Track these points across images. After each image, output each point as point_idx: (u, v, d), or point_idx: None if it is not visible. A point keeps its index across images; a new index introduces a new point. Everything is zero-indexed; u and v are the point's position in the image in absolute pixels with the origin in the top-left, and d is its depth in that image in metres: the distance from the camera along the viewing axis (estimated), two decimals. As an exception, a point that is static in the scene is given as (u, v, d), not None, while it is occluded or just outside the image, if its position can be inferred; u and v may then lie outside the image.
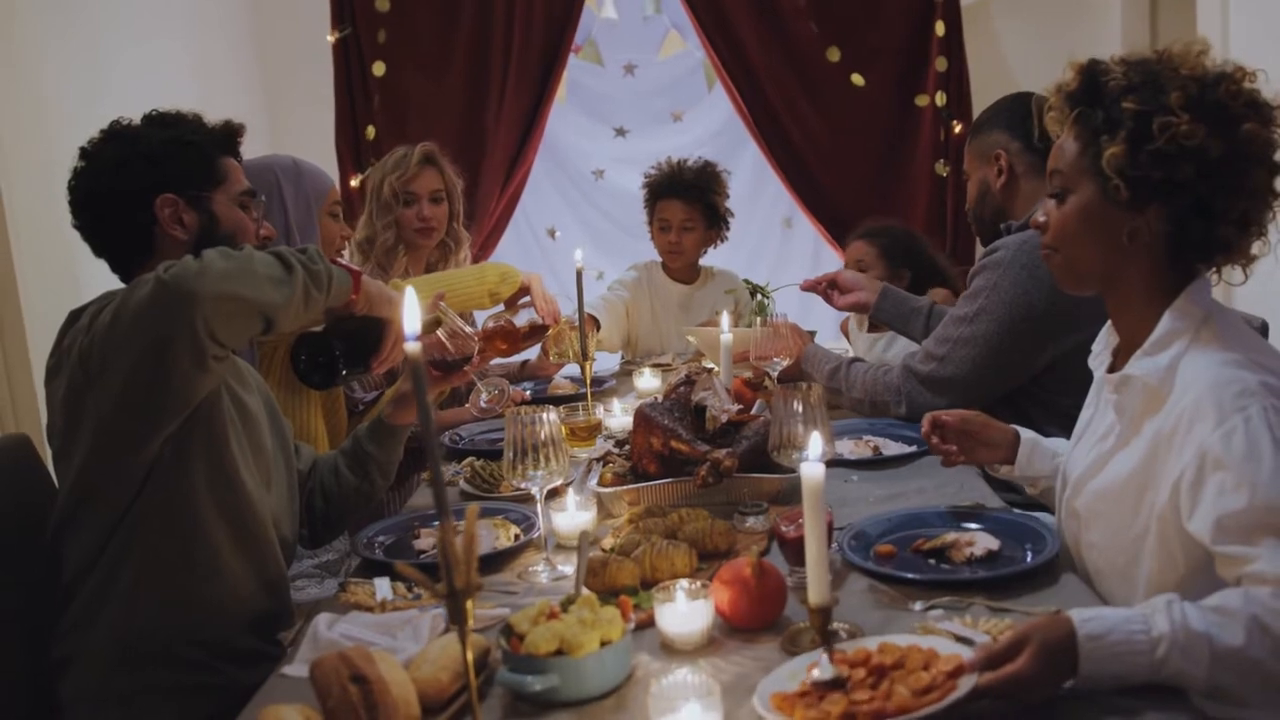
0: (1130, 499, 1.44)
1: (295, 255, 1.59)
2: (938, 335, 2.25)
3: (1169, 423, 1.39)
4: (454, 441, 2.48)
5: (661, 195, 3.37)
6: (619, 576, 1.50)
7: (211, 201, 1.71)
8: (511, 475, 1.65)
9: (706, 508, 1.77)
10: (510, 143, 4.50)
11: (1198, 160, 1.38)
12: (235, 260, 1.50)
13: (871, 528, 1.66)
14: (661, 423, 1.86)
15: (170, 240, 1.69)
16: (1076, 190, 1.48)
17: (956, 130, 4.42)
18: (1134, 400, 1.46)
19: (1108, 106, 1.43)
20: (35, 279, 3.06)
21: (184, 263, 1.47)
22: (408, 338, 1.04)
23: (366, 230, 3.00)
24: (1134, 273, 1.48)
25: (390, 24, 4.40)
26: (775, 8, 4.42)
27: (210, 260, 1.47)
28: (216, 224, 1.71)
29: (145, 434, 1.53)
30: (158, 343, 1.45)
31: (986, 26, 4.66)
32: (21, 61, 3.16)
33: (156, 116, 1.73)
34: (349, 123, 4.43)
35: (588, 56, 4.89)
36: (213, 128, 1.76)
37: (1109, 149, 1.42)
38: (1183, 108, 1.37)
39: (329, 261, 1.65)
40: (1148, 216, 1.43)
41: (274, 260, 1.55)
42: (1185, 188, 1.39)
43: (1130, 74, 1.42)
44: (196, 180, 1.70)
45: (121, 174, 1.65)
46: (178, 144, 1.69)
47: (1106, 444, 1.51)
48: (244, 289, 1.48)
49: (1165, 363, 1.42)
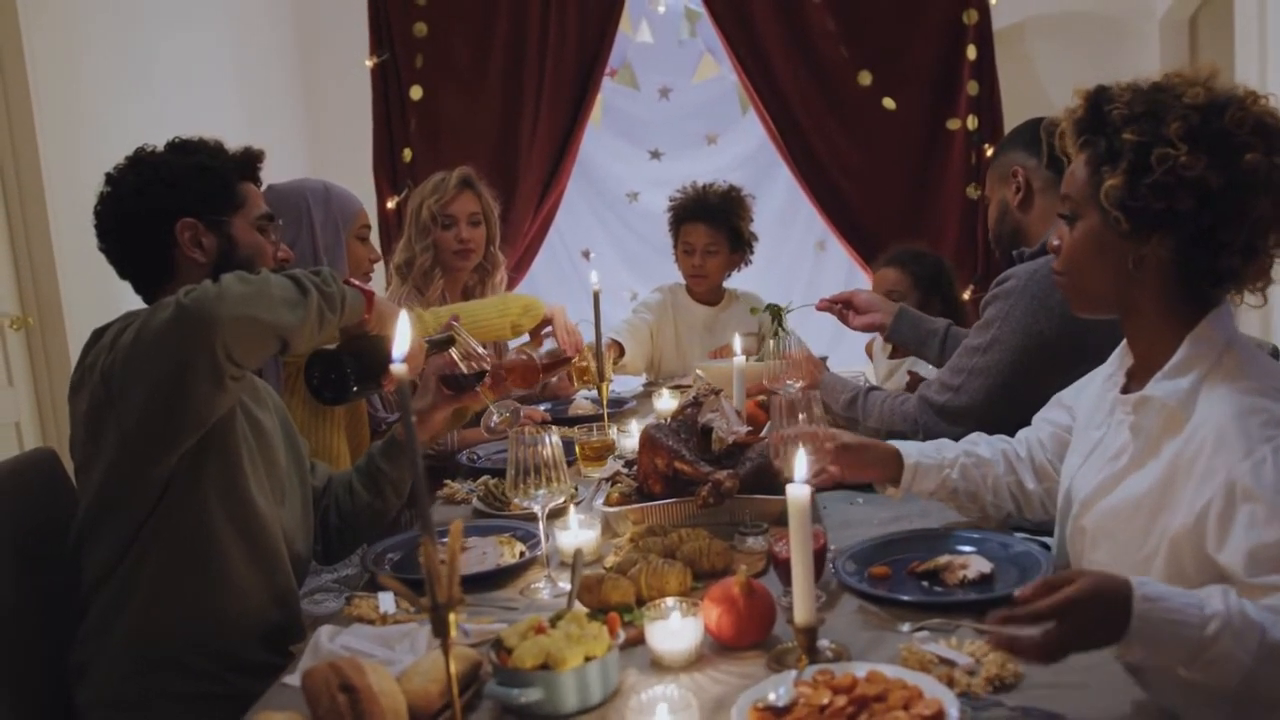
0: (1142, 520, 1.44)
1: (309, 278, 1.64)
2: (952, 365, 2.25)
3: (1190, 448, 1.39)
4: (471, 460, 2.53)
5: (686, 219, 3.39)
6: (613, 594, 1.52)
7: (230, 225, 1.77)
8: (514, 494, 1.69)
9: (709, 528, 1.79)
10: (544, 165, 4.56)
11: (1198, 191, 1.38)
12: (252, 285, 1.55)
13: (869, 549, 1.68)
14: (666, 443, 1.89)
15: (190, 263, 1.74)
16: (1084, 216, 1.50)
17: (988, 154, 4.41)
18: (1152, 421, 1.46)
19: (1110, 136, 1.44)
20: (79, 295, 3.17)
21: (203, 287, 1.52)
22: (395, 360, 1.08)
23: (405, 254, 3.05)
24: (1145, 298, 1.49)
25: (427, 49, 4.49)
26: (807, 32, 4.45)
27: (228, 285, 1.52)
28: (235, 247, 1.77)
29: (163, 450, 1.59)
30: (178, 364, 1.50)
31: (1021, 50, 4.66)
32: (80, 83, 3.29)
33: (179, 144, 1.79)
34: (386, 145, 4.53)
35: (623, 80, 4.96)
36: (232, 154, 1.82)
37: (1108, 181, 1.43)
38: (1182, 138, 1.37)
39: (343, 283, 1.70)
40: (1152, 245, 1.43)
41: (289, 283, 1.61)
42: (1186, 218, 1.40)
43: (1133, 103, 1.43)
44: (216, 205, 1.76)
45: (143, 198, 1.72)
46: (198, 170, 1.75)
47: (1119, 464, 1.51)
48: (261, 312, 1.53)
49: (1186, 386, 1.42)
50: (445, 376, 1.98)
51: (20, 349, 3.19)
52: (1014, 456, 1.83)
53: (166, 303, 1.52)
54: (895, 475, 1.81)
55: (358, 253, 2.60)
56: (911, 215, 4.52)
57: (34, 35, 3.11)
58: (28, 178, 3.14)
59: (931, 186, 4.55)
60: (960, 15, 4.41)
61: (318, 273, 1.67)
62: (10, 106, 3.10)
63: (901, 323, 2.59)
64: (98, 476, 1.63)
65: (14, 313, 3.15)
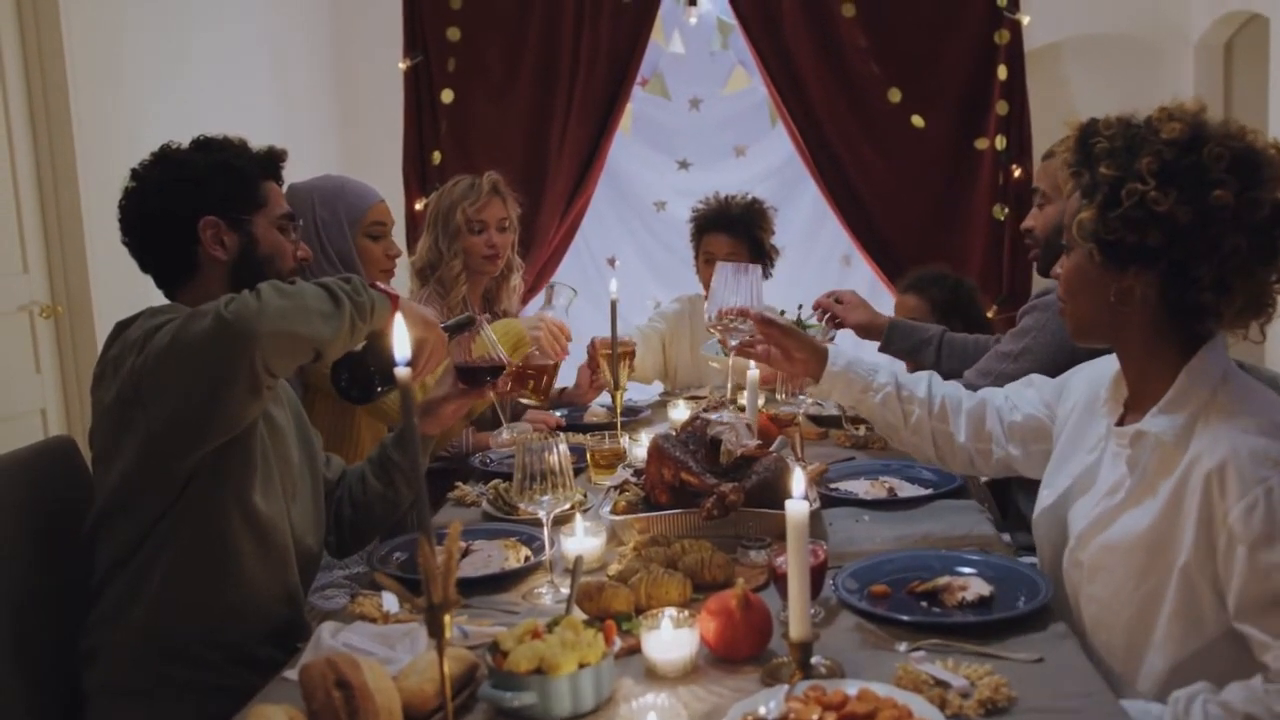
0: (1140, 556, 1.44)
1: (341, 287, 1.66)
2: (980, 368, 2.26)
3: (1188, 485, 1.40)
4: (484, 464, 2.55)
5: (707, 229, 3.40)
6: (613, 602, 1.53)
7: (252, 224, 1.79)
8: (520, 499, 1.71)
9: (713, 540, 1.80)
10: (572, 171, 4.59)
11: (1166, 227, 1.39)
12: (290, 298, 1.57)
13: (870, 567, 1.68)
14: (673, 454, 1.90)
15: (211, 260, 1.77)
16: (1074, 247, 1.52)
17: (1016, 174, 4.41)
18: (1147, 457, 1.47)
19: (1092, 169, 1.47)
20: (108, 286, 3.23)
21: (243, 300, 1.54)
22: (398, 363, 1.10)
23: (430, 256, 3.05)
24: (1133, 330, 1.50)
25: (460, 53, 4.53)
26: (838, 47, 4.46)
27: (268, 298, 1.54)
28: (255, 245, 1.79)
29: (190, 451, 1.62)
30: (216, 375, 1.53)
31: (1055, 71, 4.64)
32: (117, 77, 3.35)
33: (203, 142, 1.82)
34: (416, 148, 4.57)
35: (654, 90, 4.97)
36: (256, 152, 1.85)
37: (1081, 213, 1.46)
38: (1153, 173, 1.39)
39: (370, 287, 1.73)
40: (1130, 279, 1.46)
41: (324, 294, 1.63)
42: (1157, 253, 1.42)
43: (1114, 137, 1.45)
44: (238, 203, 1.78)
45: (167, 196, 1.75)
46: (221, 169, 1.77)
47: (1116, 498, 1.51)
48: (299, 326, 1.56)
49: (1182, 422, 1.43)
50: (461, 368, 2.00)
51: (49, 337, 3.24)
52: (956, 408, 1.86)
53: (204, 310, 1.54)
54: (819, 373, 1.89)
55: (370, 250, 2.60)
56: (937, 233, 4.52)
57: (73, 28, 3.17)
58: (63, 169, 3.19)
59: (958, 205, 4.54)
60: (992, 35, 4.41)
61: (349, 280, 1.70)
62: (48, 98, 3.16)
63: (895, 333, 2.64)
64: (119, 470, 1.66)
65: (45, 301, 3.20)
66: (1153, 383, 1.50)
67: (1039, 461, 1.82)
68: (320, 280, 1.67)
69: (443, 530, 1.13)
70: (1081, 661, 1.40)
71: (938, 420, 1.86)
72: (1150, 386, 1.51)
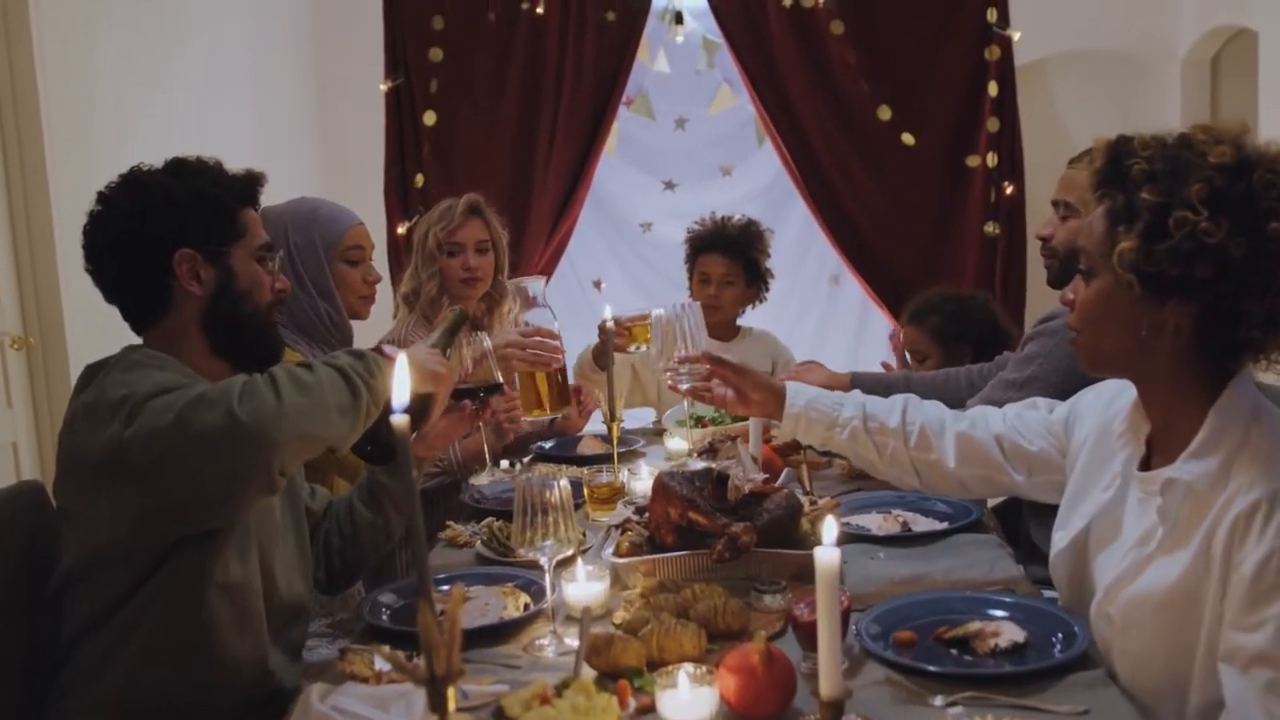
0: (1175, 608, 1.36)
1: (356, 370, 1.54)
2: (985, 397, 2.17)
3: (1218, 530, 1.31)
4: (475, 500, 2.44)
5: (703, 249, 3.36)
6: (623, 656, 1.43)
7: (230, 257, 1.67)
8: (519, 545, 1.61)
9: (724, 582, 1.71)
10: (558, 193, 4.52)
11: (1217, 259, 1.29)
12: (309, 393, 1.46)
13: (892, 612, 1.59)
14: (680, 492, 1.80)
15: (186, 296, 1.65)
16: (1099, 274, 1.41)
17: (1008, 191, 4.36)
18: (1179, 505, 1.37)
19: (1129, 193, 1.35)
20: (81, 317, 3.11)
21: (261, 398, 1.41)
22: (395, 411, 1.01)
23: (412, 282, 2.98)
24: (1160, 366, 1.40)
25: (443, 74, 4.46)
26: (827, 65, 4.41)
27: (288, 398, 1.43)
28: (233, 280, 1.67)
29: (186, 531, 1.52)
30: (230, 475, 1.43)
31: (1042, 87, 4.61)
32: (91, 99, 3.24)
33: (177, 165, 1.69)
34: (398, 170, 4.50)
35: (639, 109, 4.91)
36: (234, 177, 1.72)
37: (1122, 242, 1.34)
38: (1204, 201, 1.29)
39: (376, 351, 1.64)
40: (1167, 311, 1.35)
41: (340, 384, 1.52)
42: (1205, 287, 1.31)
43: (1154, 159, 1.34)
44: (216, 235, 1.66)
45: (139, 226, 1.62)
46: (199, 197, 1.64)
47: (1147, 549, 1.42)
48: (319, 429, 1.47)
49: (1215, 467, 1.34)
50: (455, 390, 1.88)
51: (21, 369, 3.12)
52: (939, 431, 1.76)
53: (213, 399, 1.41)
54: (779, 413, 1.81)
55: (348, 277, 2.48)
56: (929, 252, 4.47)
57: (46, 49, 3.07)
58: (34, 195, 3.08)
59: (950, 223, 4.48)
60: (982, 51, 4.37)
61: (361, 357, 1.59)
62: (19, 120, 3.05)
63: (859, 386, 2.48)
64: (98, 536, 1.53)
65: (15, 332, 3.09)
66: (1180, 420, 1.40)
67: (1046, 490, 1.73)
68: (335, 363, 1.55)
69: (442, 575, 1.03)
70: (1127, 710, 1.32)
71: (918, 450, 1.76)
72: (1178, 425, 1.41)
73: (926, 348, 3.02)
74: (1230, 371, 1.38)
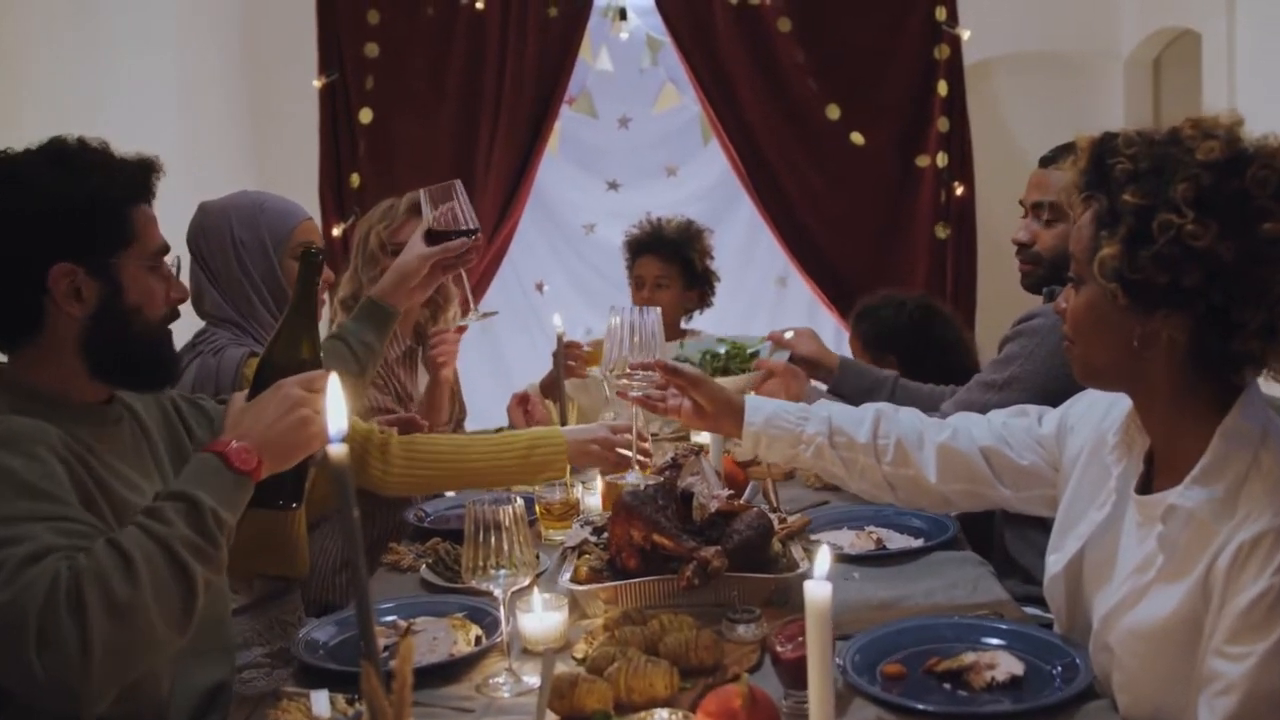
0: (1173, 639, 1.26)
1: (185, 544, 1.25)
2: (960, 399, 2.07)
3: (1224, 560, 1.21)
4: (419, 519, 2.29)
5: (639, 253, 3.31)
6: (587, 699, 1.31)
7: (118, 268, 1.40)
8: (470, 576, 1.47)
9: (691, 609, 1.60)
10: (499, 194, 4.39)
11: (1206, 265, 1.20)
12: (126, 619, 1.18)
13: (877, 642, 1.48)
14: (643, 513, 1.67)
15: (64, 317, 1.38)
16: (1087, 282, 1.31)
17: (959, 192, 4.31)
18: (1181, 532, 1.27)
19: (1112, 195, 1.26)
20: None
21: (63, 649, 1.14)
22: (332, 439, 0.87)
23: (351, 285, 2.82)
24: (1157, 379, 1.30)
25: (379, 71, 4.30)
26: (775, 64, 4.32)
27: (96, 633, 1.15)
28: (121, 295, 1.41)
29: None
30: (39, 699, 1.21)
31: (988, 88, 4.57)
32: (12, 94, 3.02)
33: (55, 152, 1.40)
34: (333, 170, 4.32)
35: (581, 108, 4.79)
36: (125, 165, 1.43)
37: (1103, 249, 1.24)
38: (1190, 203, 1.19)
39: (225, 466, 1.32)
40: (1157, 322, 1.25)
41: (168, 577, 1.23)
42: (1194, 295, 1.21)
43: (1139, 158, 1.25)
44: (102, 243, 1.39)
45: (8, 233, 1.35)
46: (83, 198, 1.37)
47: (1145, 577, 1.31)
48: (138, 659, 1.22)
49: (1221, 495, 1.24)
50: (431, 232, 1.91)
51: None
52: (917, 443, 1.65)
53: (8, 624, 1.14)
54: (732, 430, 1.70)
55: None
56: (879, 253, 4.39)
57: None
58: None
59: (900, 224, 4.41)
60: (932, 50, 4.30)
61: (193, 502, 1.27)
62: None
63: (845, 374, 2.47)
64: None
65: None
66: (1183, 440, 1.30)
67: (1035, 505, 1.64)
68: (158, 534, 1.24)
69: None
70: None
71: (894, 465, 1.64)
72: (1180, 444, 1.31)
73: (859, 354, 2.96)
74: (1237, 386, 1.28)
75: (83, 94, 3.34)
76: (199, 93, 4.13)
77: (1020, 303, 4.54)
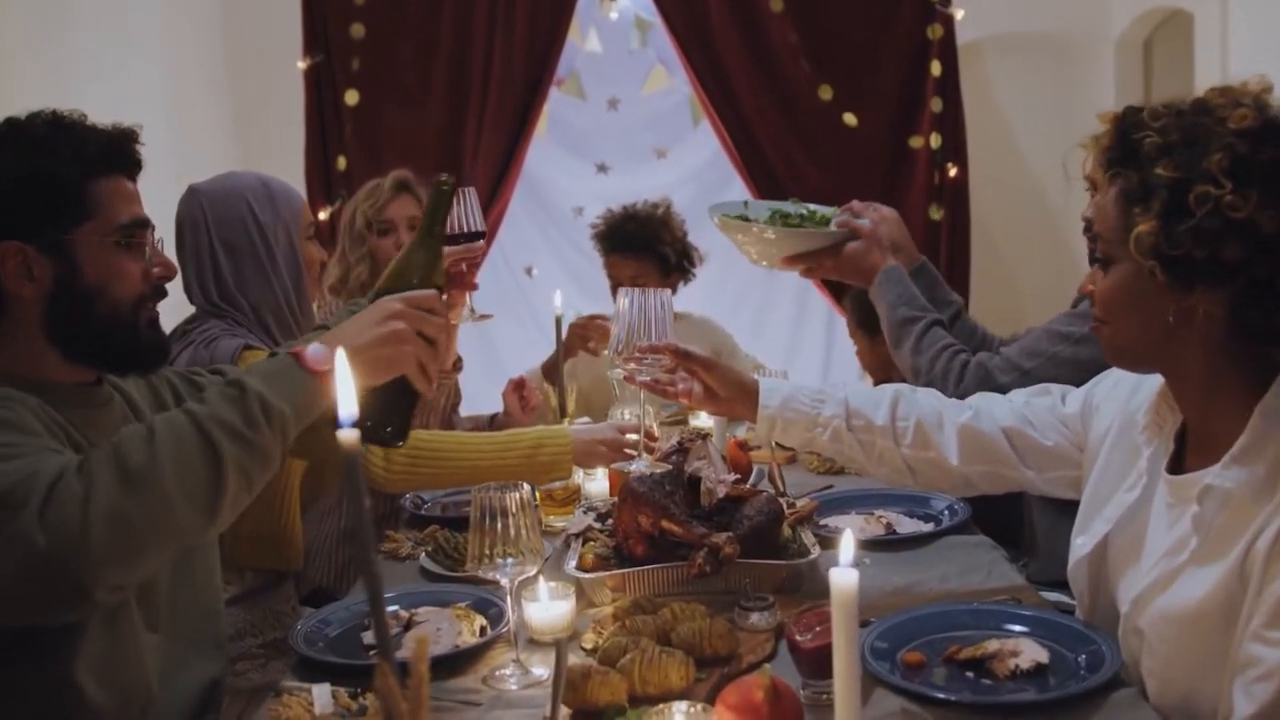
0: (1208, 623, 1.22)
1: (219, 423, 1.19)
2: (1027, 347, 1.95)
3: (1264, 543, 1.17)
4: (416, 506, 2.24)
5: (608, 251, 3.22)
6: (601, 692, 1.27)
7: (72, 245, 1.33)
8: (474, 566, 1.42)
9: (702, 596, 1.56)
10: (488, 177, 4.32)
11: (1247, 237, 1.16)
12: (139, 489, 1.12)
13: (895, 629, 1.44)
14: (652, 499, 1.63)
15: (16, 299, 1.32)
16: (1117, 261, 1.28)
17: (952, 173, 4.27)
18: (1217, 513, 1.24)
19: (1142, 170, 1.22)
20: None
21: (65, 513, 1.08)
22: (343, 424, 0.82)
23: (339, 268, 2.76)
24: (1193, 358, 1.26)
25: (365, 52, 4.22)
26: (767, 44, 4.27)
27: (100, 502, 1.09)
28: (78, 275, 1.33)
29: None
30: (29, 609, 1.16)
31: (980, 68, 4.54)
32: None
33: (6, 128, 1.33)
34: (319, 152, 4.25)
35: (570, 90, 4.74)
36: (91, 136, 1.35)
37: (1139, 225, 1.21)
38: (1226, 172, 1.16)
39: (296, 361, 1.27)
40: (1196, 298, 1.22)
41: (194, 451, 1.16)
42: (1236, 269, 1.18)
43: (1168, 130, 1.21)
44: (53, 219, 1.31)
45: None
46: (27, 174, 1.30)
47: (1178, 559, 1.28)
48: (147, 536, 1.13)
49: (1262, 474, 1.20)
50: None
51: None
52: (937, 424, 1.60)
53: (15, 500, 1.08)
54: (752, 413, 1.62)
55: (310, 254, 2.22)
56: (871, 236, 4.35)
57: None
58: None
59: (893, 205, 4.35)
60: (925, 30, 4.26)
61: (239, 388, 1.22)
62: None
63: (923, 273, 2.24)
64: None
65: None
66: (1219, 419, 1.27)
67: (1060, 486, 1.59)
68: (191, 410, 1.20)
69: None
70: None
71: (913, 448, 1.60)
72: (1216, 423, 1.27)
73: (852, 332, 2.96)
74: (1276, 363, 1.24)
75: (64, 74, 3.27)
76: (183, 75, 4.06)
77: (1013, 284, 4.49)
